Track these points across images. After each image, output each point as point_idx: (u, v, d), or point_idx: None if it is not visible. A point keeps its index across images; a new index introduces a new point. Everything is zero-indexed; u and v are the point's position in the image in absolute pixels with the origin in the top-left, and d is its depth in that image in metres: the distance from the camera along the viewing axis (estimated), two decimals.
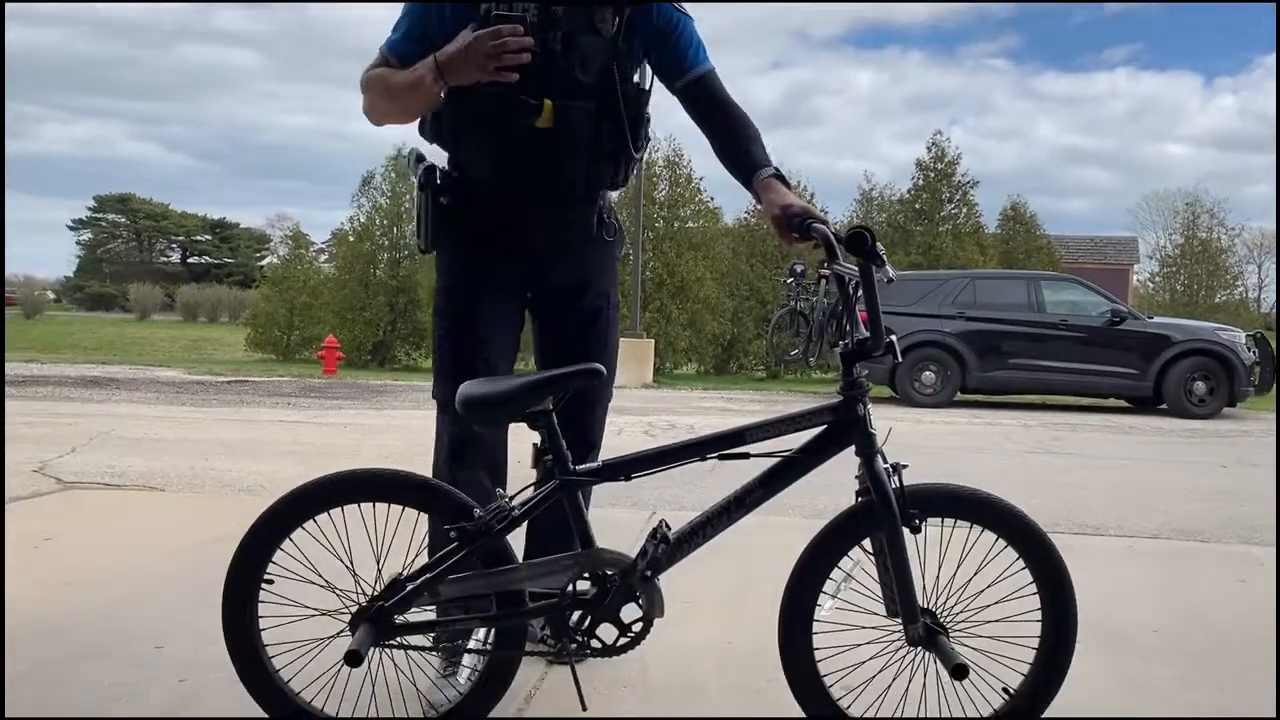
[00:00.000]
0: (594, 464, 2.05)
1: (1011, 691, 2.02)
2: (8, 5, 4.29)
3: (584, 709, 2.01)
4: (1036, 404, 12.91)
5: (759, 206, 2.25)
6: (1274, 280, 40.61)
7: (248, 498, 4.79)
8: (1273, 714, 2.06)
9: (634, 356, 14.23)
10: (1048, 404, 12.97)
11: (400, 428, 8.10)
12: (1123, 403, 12.77)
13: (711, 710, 2.32)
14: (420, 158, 2.40)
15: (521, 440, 2.16)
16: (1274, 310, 34.57)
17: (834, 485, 2.14)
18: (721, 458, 2.01)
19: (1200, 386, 11.71)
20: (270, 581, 2.01)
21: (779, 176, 2.23)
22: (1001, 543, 2.01)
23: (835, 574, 2.02)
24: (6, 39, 4.51)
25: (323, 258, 22.54)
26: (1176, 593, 3.55)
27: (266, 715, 2.02)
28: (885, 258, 1.94)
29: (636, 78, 2.36)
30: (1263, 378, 12.10)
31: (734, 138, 2.32)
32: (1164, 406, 11.91)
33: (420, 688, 2.19)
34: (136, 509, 4.50)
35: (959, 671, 1.91)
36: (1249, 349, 11.96)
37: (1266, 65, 74.19)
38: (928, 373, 12.19)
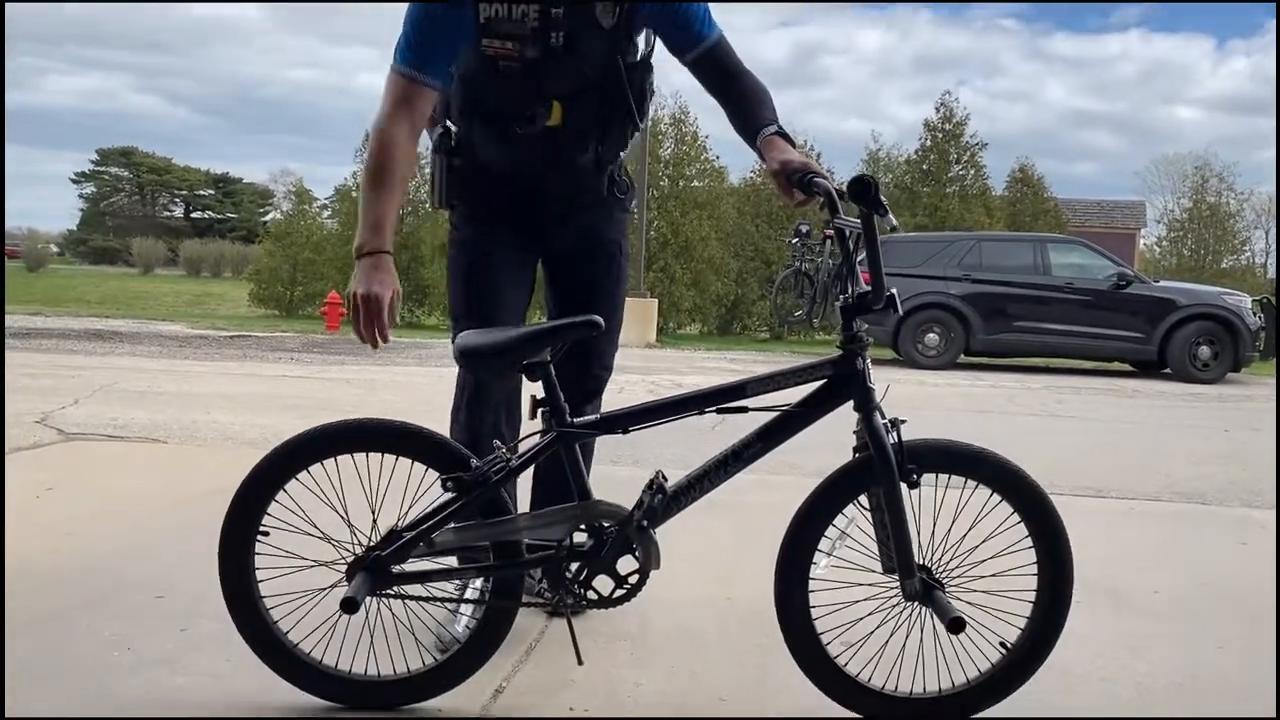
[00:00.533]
0: (592, 416, 2.04)
1: (1009, 646, 2.03)
2: (7, 6, 4.23)
3: (580, 662, 2.01)
4: (1040, 367, 12.89)
5: (764, 165, 2.22)
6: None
7: (249, 450, 4.79)
8: (1273, 714, 2.06)
9: (637, 316, 14.20)
10: (1051, 367, 12.95)
11: (403, 384, 8.10)
12: (1126, 367, 12.75)
13: (710, 665, 2.33)
14: (435, 120, 2.38)
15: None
16: (1277, 276, 34.42)
17: (836, 445, 2.13)
18: (720, 411, 2.00)
19: (1205, 351, 11.67)
20: (265, 533, 2.00)
21: (782, 134, 2.19)
22: (997, 498, 2.00)
23: (830, 531, 2.01)
24: None
25: (326, 213, 22.44)
26: (1176, 554, 3.55)
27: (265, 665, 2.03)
28: (888, 206, 1.92)
29: (642, 49, 2.32)
30: (1268, 343, 12.06)
31: (745, 103, 2.28)
32: (1168, 371, 11.89)
33: (417, 637, 2.19)
34: (138, 461, 4.51)
35: (955, 625, 1.91)
36: (1255, 314, 11.92)
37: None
38: (931, 335, 12.16)
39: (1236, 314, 11.71)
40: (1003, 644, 2.03)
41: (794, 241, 12.78)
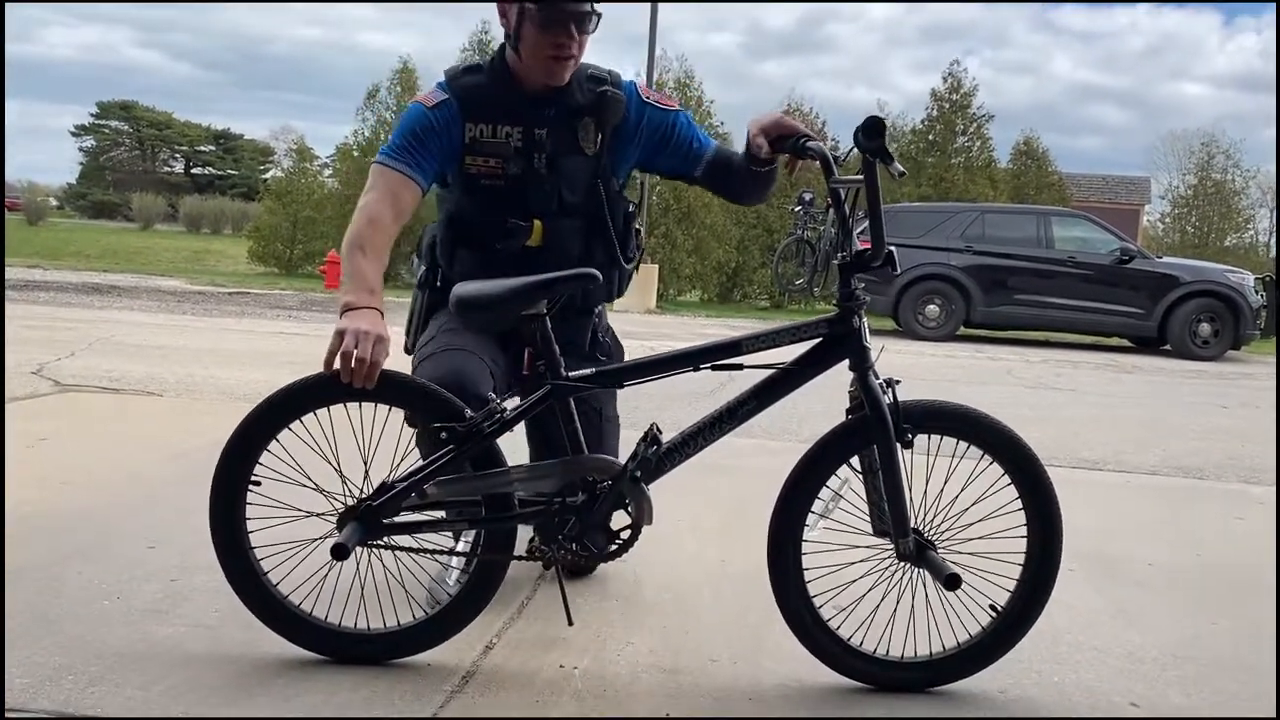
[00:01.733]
0: (587, 370, 2.02)
1: (999, 609, 2.02)
2: (7, 6, 4.17)
3: (570, 622, 2.00)
4: (1040, 340, 12.87)
5: (762, 151, 2.18)
6: None
7: (245, 405, 4.76)
8: (1273, 714, 2.06)
9: (638, 282, 14.12)
10: (1051, 340, 12.93)
11: (396, 341, 8.05)
12: (1126, 342, 12.73)
13: (701, 626, 2.32)
14: (421, 255, 2.45)
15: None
16: (1277, 255, 34.33)
17: (834, 413, 2.11)
18: (715, 368, 1.99)
19: (1205, 328, 11.64)
20: (258, 482, 1.99)
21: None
22: (988, 460, 1.99)
23: (824, 493, 2.00)
24: None
25: (326, 172, 22.29)
26: (1172, 527, 3.55)
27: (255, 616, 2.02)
28: (893, 154, 1.89)
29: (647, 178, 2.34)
30: (1269, 321, 12.03)
31: (746, 175, 2.30)
32: (1168, 347, 11.87)
33: (408, 591, 2.19)
34: (133, 413, 4.49)
35: (952, 581, 1.90)
36: (1257, 292, 11.87)
37: None
38: (932, 305, 12.12)
39: (1239, 291, 11.66)
40: (992, 606, 2.03)
41: (796, 210, 12.72)
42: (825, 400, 2.04)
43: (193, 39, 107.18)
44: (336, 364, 1.92)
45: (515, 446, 2.11)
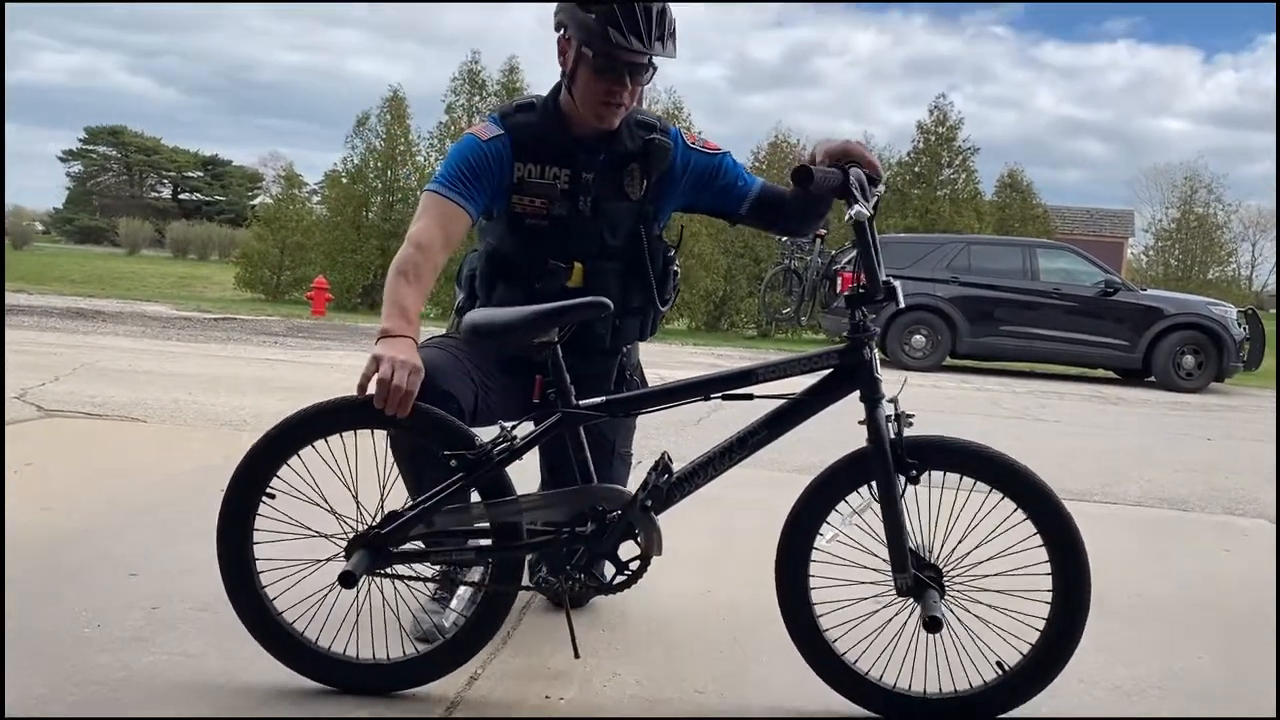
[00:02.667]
0: (597, 399, 2.02)
1: (1006, 667, 1.98)
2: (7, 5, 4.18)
3: (576, 655, 1.99)
4: (1025, 371, 12.92)
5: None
6: (1268, 258, 40.63)
7: (229, 431, 4.75)
8: (1273, 714, 2.06)
9: None
10: (1036, 372, 12.98)
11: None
12: (1111, 374, 12.79)
13: (687, 657, 2.31)
14: (460, 283, 2.44)
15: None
16: (1268, 287, 34.61)
17: (821, 443, 2.11)
18: (726, 398, 1.99)
19: (1189, 360, 11.70)
20: (272, 495, 1.99)
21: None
22: (1008, 502, 1.95)
23: (843, 507, 1.99)
24: None
25: (315, 199, 22.30)
26: (1158, 559, 3.55)
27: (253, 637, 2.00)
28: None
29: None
30: (1252, 354, 12.11)
31: (797, 206, 2.35)
32: (1152, 379, 11.92)
33: (413, 619, 2.17)
34: (117, 438, 4.46)
35: (931, 624, 1.88)
36: (1240, 325, 11.96)
37: (1269, 44, 73.88)
38: (918, 336, 12.16)
39: (1222, 324, 11.74)
40: (999, 664, 1.98)
41: (783, 239, 12.77)
42: (811, 429, 2.03)
43: (182, 65, 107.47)
44: (371, 388, 1.92)
45: (526, 476, 2.10)
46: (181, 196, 63.14)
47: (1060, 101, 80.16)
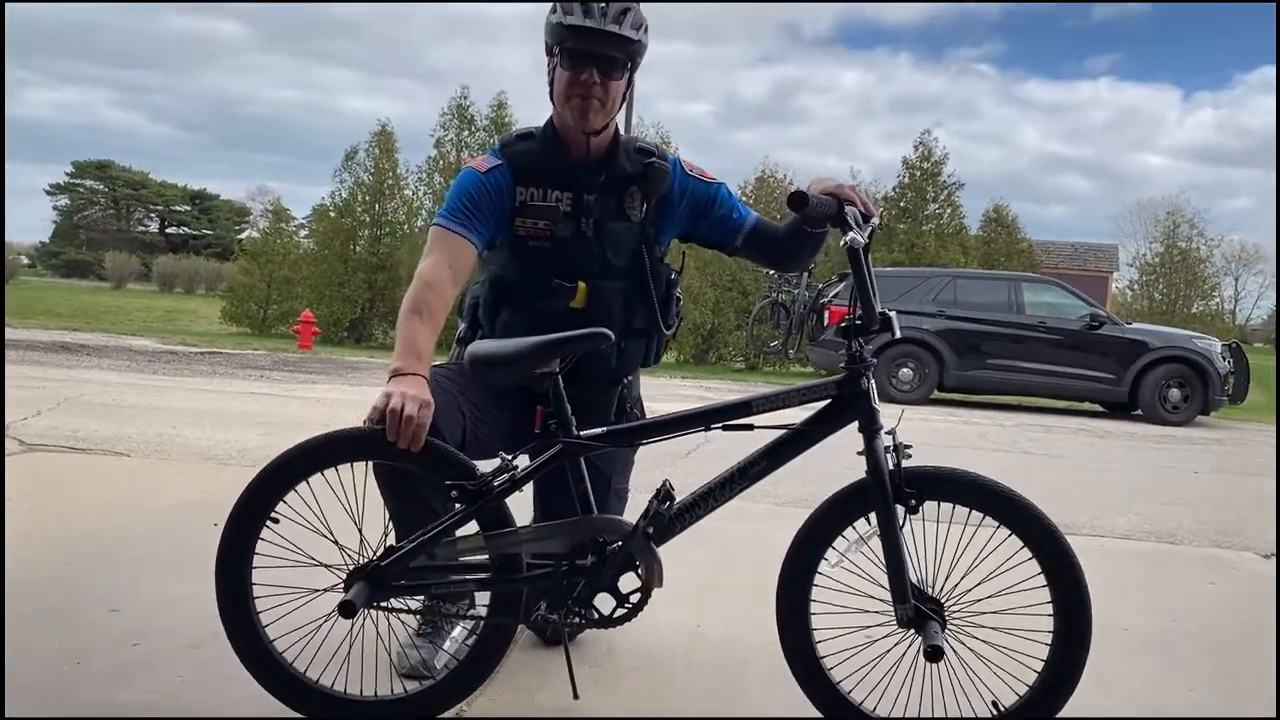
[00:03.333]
0: (598, 430, 2.01)
1: (1001, 708, 1.96)
2: (8, 6, 4.20)
3: (575, 695, 1.96)
4: (1012, 405, 12.95)
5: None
6: (1250, 293, 40.99)
7: (213, 465, 4.72)
8: (1273, 714, 2.05)
9: None
10: (1023, 405, 13.01)
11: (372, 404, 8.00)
12: (1098, 407, 12.83)
13: (676, 693, 2.28)
14: (462, 314, 2.47)
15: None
16: (1251, 322, 34.86)
17: (805, 475, 2.10)
18: (725, 428, 1.99)
19: (1175, 393, 11.75)
20: (275, 520, 1.98)
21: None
22: (1005, 532, 1.95)
23: (849, 532, 1.98)
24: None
25: (303, 233, 22.30)
26: (1147, 592, 3.54)
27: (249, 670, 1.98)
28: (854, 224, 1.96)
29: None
30: (1237, 387, 12.17)
31: (791, 240, 2.39)
32: (1138, 412, 11.97)
33: (400, 653, 2.15)
34: (99, 473, 4.42)
35: (933, 654, 1.87)
36: (1224, 358, 12.03)
37: (1247, 82, 75.16)
38: (905, 369, 12.19)
39: (1207, 358, 11.81)
40: (995, 704, 1.96)
41: (770, 272, 12.81)
42: (802, 460, 2.03)
43: (172, 100, 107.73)
44: (382, 419, 1.94)
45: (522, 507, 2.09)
46: (169, 230, 63.12)
47: (1044, 138, 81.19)
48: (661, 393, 11.25)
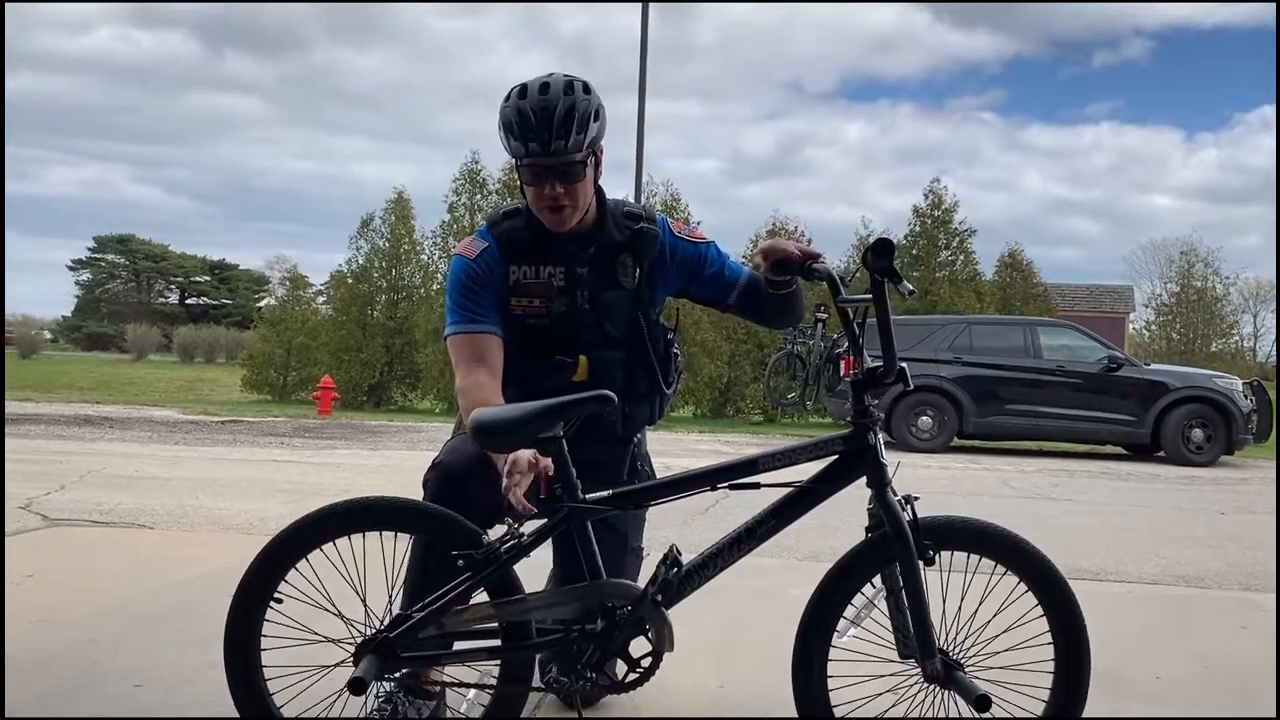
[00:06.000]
0: (604, 493, 2.01)
1: None
2: (8, 6, 4.31)
3: None
4: (1034, 450, 12.85)
5: (760, 271, 2.27)
6: (1270, 330, 40.74)
7: (235, 535, 4.73)
8: (1273, 714, 2.01)
9: None
10: (1045, 450, 12.91)
11: (393, 468, 8.04)
12: (1120, 450, 12.72)
13: None
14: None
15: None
16: (1271, 359, 34.63)
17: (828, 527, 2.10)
18: (733, 488, 1.99)
19: (1198, 434, 11.65)
20: (279, 599, 1.98)
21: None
22: (1013, 578, 1.95)
23: (857, 599, 1.97)
24: (11, 86, 4.53)
25: (320, 299, 22.50)
26: (1177, 638, 3.49)
27: None
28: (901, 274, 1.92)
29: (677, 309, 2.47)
30: (1260, 425, 12.05)
31: (770, 299, 2.38)
32: (1161, 454, 11.85)
33: None
34: (122, 546, 4.43)
35: (982, 703, 1.85)
36: (1246, 396, 11.93)
37: (1246, 122, 75.52)
38: (924, 418, 12.14)
39: (1228, 396, 11.72)
40: None
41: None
42: (819, 515, 2.02)
43: (190, 174, 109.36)
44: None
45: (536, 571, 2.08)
46: (189, 301, 63.89)
47: (1048, 182, 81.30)
48: (678, 447, 11.23)
